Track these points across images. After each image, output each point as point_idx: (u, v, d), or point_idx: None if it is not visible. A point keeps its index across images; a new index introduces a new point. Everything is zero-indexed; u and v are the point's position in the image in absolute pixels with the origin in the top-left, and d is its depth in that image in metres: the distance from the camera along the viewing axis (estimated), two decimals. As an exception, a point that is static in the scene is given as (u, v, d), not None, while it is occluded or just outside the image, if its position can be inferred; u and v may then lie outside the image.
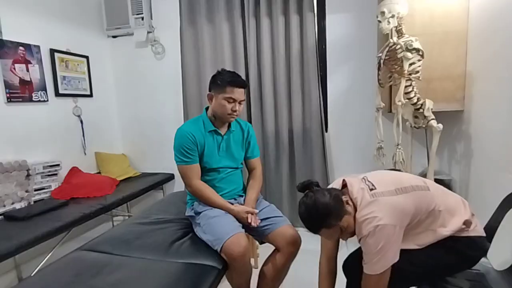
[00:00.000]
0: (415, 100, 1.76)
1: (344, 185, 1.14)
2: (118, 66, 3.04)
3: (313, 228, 1.05)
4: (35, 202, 2.16)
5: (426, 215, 1.04)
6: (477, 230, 1.08)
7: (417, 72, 1.74)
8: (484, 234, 1.10)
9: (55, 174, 2.32)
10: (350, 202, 1.06)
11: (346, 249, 1.30)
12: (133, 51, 2.98)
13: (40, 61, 2.31)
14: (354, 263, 1.25)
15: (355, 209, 1.05)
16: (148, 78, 2.98)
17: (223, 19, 2.58)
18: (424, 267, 1.07)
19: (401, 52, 1.69)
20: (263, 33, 2.50)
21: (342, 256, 1.28)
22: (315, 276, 1.29)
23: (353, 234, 1.08)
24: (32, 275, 1.70)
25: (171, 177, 2.94)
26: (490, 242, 1.25)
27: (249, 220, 1.42)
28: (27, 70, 2.21)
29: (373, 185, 1.07)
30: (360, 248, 1.31)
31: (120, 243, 1.46)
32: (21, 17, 2.21)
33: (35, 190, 2.18)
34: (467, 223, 1.06)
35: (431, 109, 1.77)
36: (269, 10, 2.49)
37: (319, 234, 1.07)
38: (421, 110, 1.78)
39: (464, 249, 1.06)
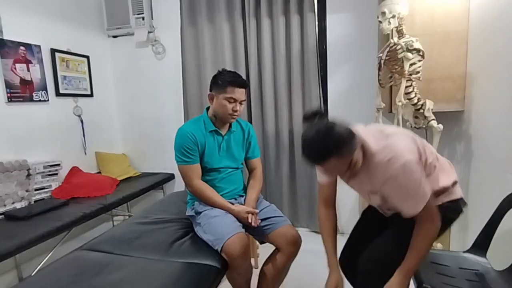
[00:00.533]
0: (415, 100, 1.76)
1: None
2: (119, 66, 3.05)
3: (322, 154, 0.89)
4: (35, 201, 2.16)
5: (427, 166, 1.04)
6: (459, 192, 1.12)
7: (418, 72, 1.74)
8: (462, 196, 1.13)
9: (56, 174, 2.33)
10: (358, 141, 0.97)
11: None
12: (134, 51, 2.98)
13: (40, 61, 2.31)
14: (350, 259, 1.25)
15: (363, 154, 0.98)
16: (148, 78, 2.98)
17: (224, 19, 2.58)
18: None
19: (401, 52, 1.69)
20: (263, 33, 2.50)
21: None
22: (315, 276, 1.29)
23: (353, 175, 1.03)
24: (32, 274, 1.70)
25: (171, 177, 2.94)
26: (490, 239, 1.25)
27: (250, 220, 1.42)
28: (28, 70, 2.22)
29: (378, 128, 1.05)
30: (350, 242, 1.31)
31: (120, 243, 1.46)
32: (22, 17, 2.21)
33: (36, 189, 2.18)
34: (454, 184, 1.10)
35: (432, 109, 1.77)
36: (270, 11, 2.49)
37: (323, 165, 0.92)
38: (421, 111, 1.78)
39: (446, 212, 1.07)
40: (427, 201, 0.95)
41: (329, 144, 0.87)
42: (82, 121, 2.67)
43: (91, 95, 2.79)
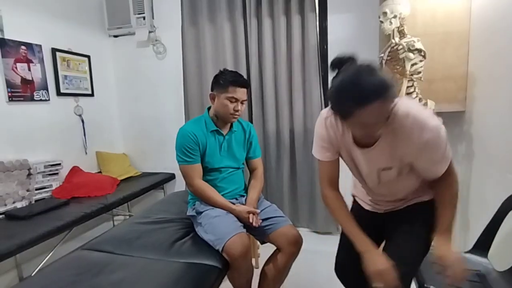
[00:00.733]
0: (416, 100, 1.76)
1: None
2: (120, 65, 3.04)
3: (368, 94, 0.77)
4: (36, 201, 2.16)
5: None
6: None
7: (419, 72, 1.73)
8: None
9: (56, 174, 2.33)
10: None
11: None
12: (135, 51, 2.98)
13: (41, 60, 2.31)
14: (347, 265, 1.22)
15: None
16: (149, 78, 2.98)
17: (225, 19, 2.58)
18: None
19: (403, 52, 1.68)
20: (264, 33, 2.50)
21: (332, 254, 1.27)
22: (316, 276, 1.28)
23: (373, 143, 0.98)
24: (33, 274, 1.71)
25: (172, 176, 2.94)
26: (491, 239, 1.25)
27: (251, 220, 1.42)
28: (29, 69, 2.22)
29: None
30: (346, 246, 1.25)
31: (121, 243, 1.46)
32: (23, 17, 2.21)
33: (36, 189, 2.18)
34: None
35: (433, 109, 1.77)
36: (271, 10, 2.49)
37: (362, 112, 0.79)
38: (422, 111, 1.78)
39: None
40: (450, 160, 1.00)
41: (375, 84, 0.77)
42: (82, 121, 2.67)
43: (92, 94, 2.79)
